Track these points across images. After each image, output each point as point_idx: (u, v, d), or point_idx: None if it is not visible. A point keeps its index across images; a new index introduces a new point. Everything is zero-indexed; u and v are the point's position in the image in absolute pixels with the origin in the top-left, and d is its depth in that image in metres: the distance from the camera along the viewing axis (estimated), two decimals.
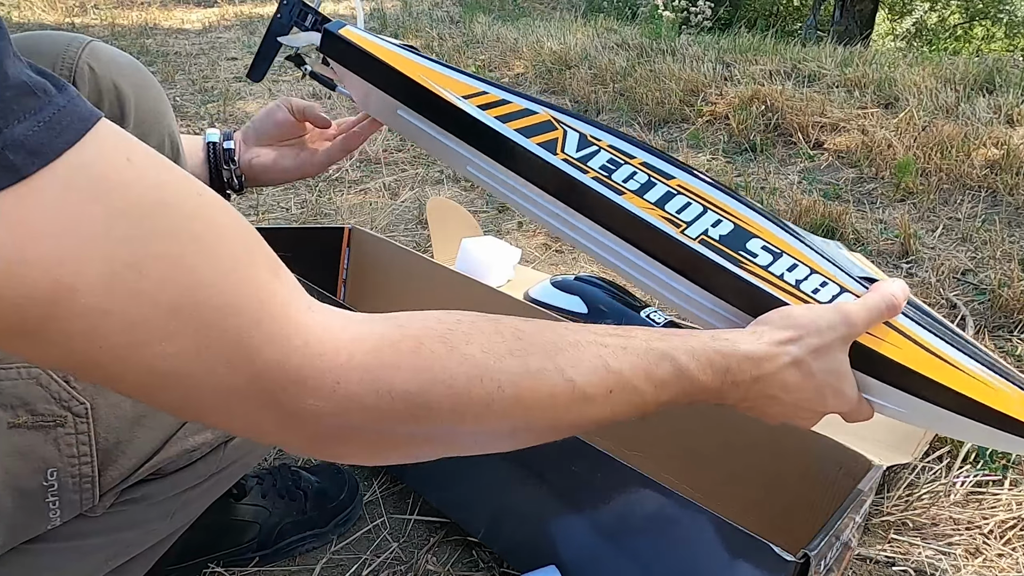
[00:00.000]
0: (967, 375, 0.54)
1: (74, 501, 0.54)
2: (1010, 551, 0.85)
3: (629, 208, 0.58)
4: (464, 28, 4.19)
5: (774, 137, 2.28)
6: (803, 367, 0.51)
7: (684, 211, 0.57)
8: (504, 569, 0.83)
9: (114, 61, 0.61)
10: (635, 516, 0.66)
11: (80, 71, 0.58)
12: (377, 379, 0.36)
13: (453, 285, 1.13)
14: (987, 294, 1.41)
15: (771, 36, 3.37)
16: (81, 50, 0.59)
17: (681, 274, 0.58)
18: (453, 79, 0.66)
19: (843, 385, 0.54)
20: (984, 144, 2.00)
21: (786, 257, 0.56)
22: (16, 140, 0.27)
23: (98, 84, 0.59)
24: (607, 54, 3.16)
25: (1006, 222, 1.70)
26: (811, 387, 0.52)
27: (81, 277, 0.28)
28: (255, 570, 0.84)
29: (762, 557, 0.57)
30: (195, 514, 0.68)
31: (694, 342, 0.48)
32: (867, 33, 7.08)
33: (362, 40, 0.70)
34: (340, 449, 0.39)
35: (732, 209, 0.58)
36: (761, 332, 0.52)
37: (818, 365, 0.52)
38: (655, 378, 0.46)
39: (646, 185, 0.58)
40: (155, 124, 0.62)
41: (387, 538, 0.89)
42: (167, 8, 5.27)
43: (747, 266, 0.56)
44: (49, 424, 0.51)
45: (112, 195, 0.29)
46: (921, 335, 0.55)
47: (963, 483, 0.94)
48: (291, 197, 1.98)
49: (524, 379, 0.41)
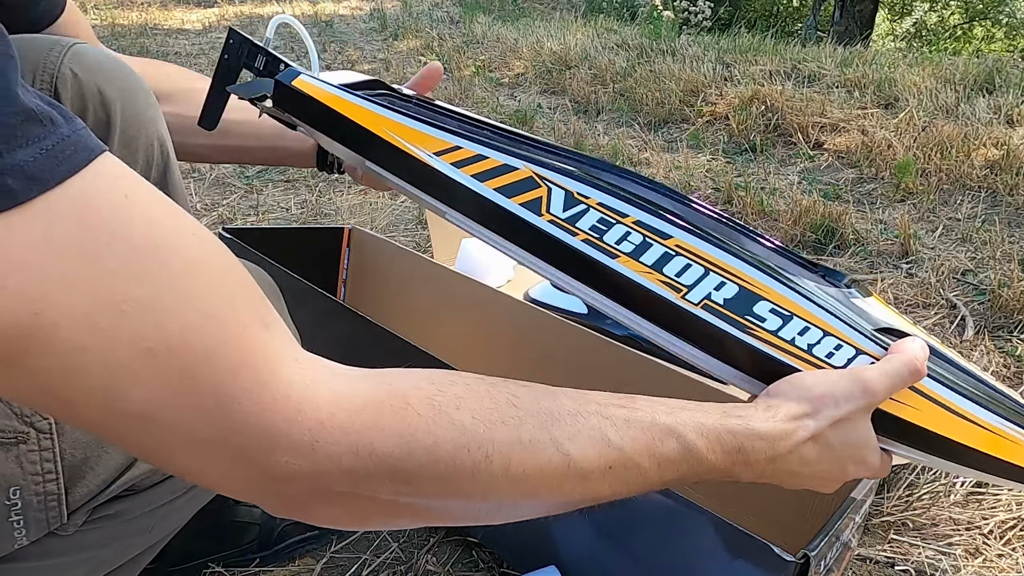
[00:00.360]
0: (990, 432, 0.52)
1: (40, 520, 0.51)
2: (1010, 551, 0.86)
3: (624, 273, 0.54)
4: (464, 28, 4.19)
5: (774, 137, 2.28)
6: (821, 440, 0.49)
7: (684, 274, 0.54)
8: (504, 569, 0.83)
9: (99, 65, 0.58)
10: (635, 516, 0.66)
11: (62, 76, 0.56)
12: (358, 440, 0.35)
13: (453, 285, 1.13)
14: (987, 294, 1.41)
15: (771, 36, 3.37)
16: (63, 54, 0.57)
17: (686, 340, 0.55)
18: (424, 134, 0.60)
19: (865, 454, 0.51)
20: (984, 144, 2.00)
21: (796, 320, 0.53)
22: (16, 165, 0.27)
23: (81, 89, 0.57)
24: (607, 54, 3.16)
25: (1006, 222, 1.70)
26: (830, 459, 0.50)
27: (62, 311, 0.28)
28: (255, 570, 0.84)
29: (762, 557, 0.57)
30: (177, 526, 0.65)
31: (704, 418, 0.46)
32: (867, 33, 7.09)
33: (320, 92, 0.61)
34: (318, 511, 0.37)
35: (736, 270, 0.54)
36: (776, 407, 0.49)
37: (837, 437, 0.49)
38: (659, 455, 0.43)
39: (641, 247, 0.54)
40: (143, 129, 0.60)
41: (387, 538, 0.89)
42: (167, 8, 5.27)
43: (755, 332, 0.53)
44: (11, 440, 0.49)
45: (102, 230, 0.29)
46: (942, 394, 0.53)
47: (963, 483, 0.94)
48: (291, 197, 1.98)
49: (514, 450, 0.38)
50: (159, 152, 0.62)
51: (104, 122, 0.58)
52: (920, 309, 1.41)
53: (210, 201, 1.95)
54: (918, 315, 1.39)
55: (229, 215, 1.87)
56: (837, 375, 0.51)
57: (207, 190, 2.02)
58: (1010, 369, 1.21)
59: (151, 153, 0.61)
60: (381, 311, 1.18)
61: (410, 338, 0.86)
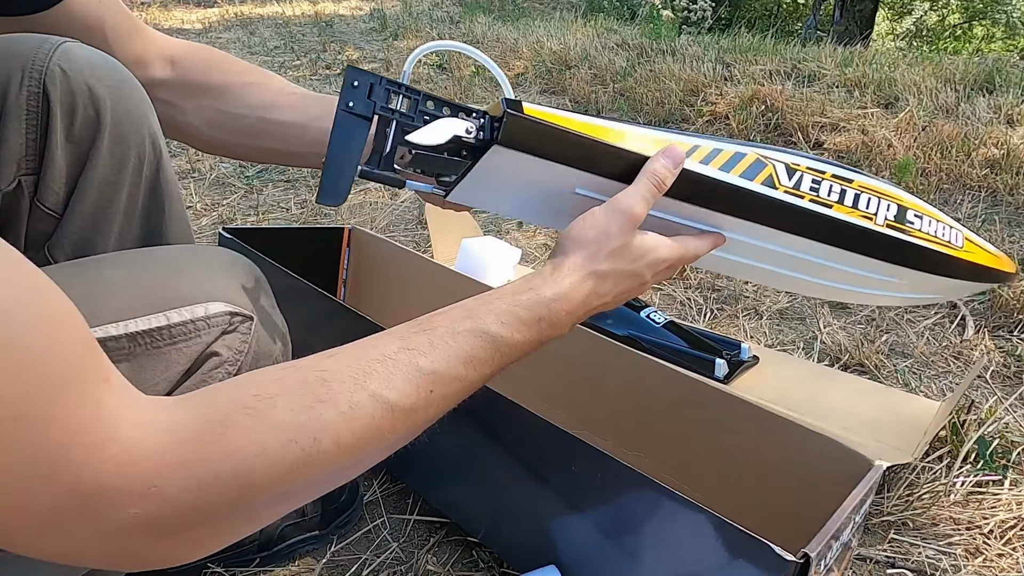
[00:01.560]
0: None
1: None
2: (1010, 551, 0.86)
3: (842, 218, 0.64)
4: (464, 28, 4.19)
5: (774, 137, 2.28)
6: (610, 273, 0.53)
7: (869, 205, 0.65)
8: (504, 569, 0.83)
9: (89, 63, 0.58)
10: (635, 516, 0.66)
11: (51, 73, 0.56)
12: (191, 474, 0.35)
13: (453, 285, 1.13)
14: (987, 294, 1.41)
15: (771, 36, 3.37)
16: (52, 51, 0.56)
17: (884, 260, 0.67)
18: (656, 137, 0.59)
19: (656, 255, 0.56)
20: (984, 144, 2.00)
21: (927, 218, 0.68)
22: None
23: (71, 87, 0.56)
24: (607, 54, 3.16)
25: (1006, 222, 1.70)
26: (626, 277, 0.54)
27: None
28: (256, 570, 0.84)
29: (762, 557, 0.57)
30: None
31: (498, 305, 0.49)
32: (867, 33, 7.08)
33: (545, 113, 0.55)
34: (183, 547, 0.37)
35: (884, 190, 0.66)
36: (559, 264, 0.53)
37: (624, 263, 0.54)
38: (471, 359, 0.47)
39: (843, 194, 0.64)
40: (134, 126, 0.60)
41: (387, 538, 0.89)
42: (167, 8, 5.27)
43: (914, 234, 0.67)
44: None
45: None
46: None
47: (963, 483, 0.94)
48: (291, 197, 1.98)
49: (338, 423, 0.40)
50: (151, 150, 0.61)
51: (93, 120, 0.58)
52: (920, 309, 1.41)
53: (210, 201, 1.95)
54: (918, 315, 1.39)
55: (229, 215, 1.87)
56: (601, 213, 0.55)
57: (207, 190, 2.02)
58: (1010, 369, 1.21)
59: (143, 151, 0.60)
60: (381, 311, 1.18)
61: None
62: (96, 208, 0.59)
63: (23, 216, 0.57)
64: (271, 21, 4.86)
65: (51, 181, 0.57)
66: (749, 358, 1.10)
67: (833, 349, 1.27)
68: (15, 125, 0.55)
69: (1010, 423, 1.05)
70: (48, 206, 0.58)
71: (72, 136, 0.57)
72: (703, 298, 1.47)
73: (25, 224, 0.58)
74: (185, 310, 0.53)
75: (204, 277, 0.56)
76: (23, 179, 0.56)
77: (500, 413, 0.76)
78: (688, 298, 1.47)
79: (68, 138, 0.57)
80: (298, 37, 4.31)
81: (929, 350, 1.27)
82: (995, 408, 1.06)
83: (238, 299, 0.56)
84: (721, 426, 0.84)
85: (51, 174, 0.57)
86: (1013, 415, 1.08)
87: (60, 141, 0.56)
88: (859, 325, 1.36)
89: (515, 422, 0.75)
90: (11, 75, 0.55)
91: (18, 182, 0.56)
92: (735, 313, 1.40)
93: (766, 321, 1.38)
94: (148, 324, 0.51)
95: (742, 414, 0.83)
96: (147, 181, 0.61)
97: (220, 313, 0.54)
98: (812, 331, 1.34)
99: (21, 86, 0.55)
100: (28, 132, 0.55)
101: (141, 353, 0.51)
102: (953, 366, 1.23)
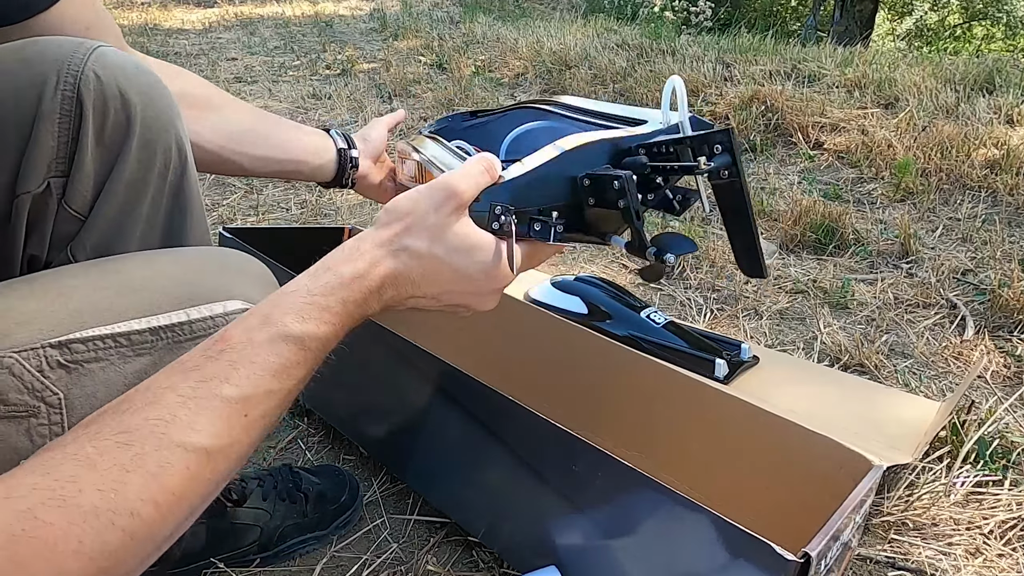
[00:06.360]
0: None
1: None
2: (1010, 551, 0.86)
3: None
4: (464, 28, 4.19)
5: (774, 137, 2.28)
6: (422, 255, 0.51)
7: None
8: (504, 569, 0.83)
9: (121, 68, 0.58)
10: (635, 516, 0.66)
11: (86, 78, 0.56)
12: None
13: None
14: (987, 294, 1.41)
15: (771, 36, 3.37)
16: (87, 56, 0.57)
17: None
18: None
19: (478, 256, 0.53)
20: (984, 144, 2.00)
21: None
22: None
23: (104, 91, 0.57)
24: (607, 54, 3.16)
25: (1006, 222, 1.70)
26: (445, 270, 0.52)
27: None
28: (256, 570, 0.84)
29: (762, 557, 0.57)
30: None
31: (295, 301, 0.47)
32: (867, 33, 7.08)
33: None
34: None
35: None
36: (361, 240, 0.51)
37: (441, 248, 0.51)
38: (280, 369, 0.44)
39: None
40: (162, 132, 0.60)
41: (387, 538, 0.89)
42: (167, 8, 5.27)
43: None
44: (21, 414, 0.49)
45: None
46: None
47: (963, 483, 0.94)
48: (291, 197, 1.98)
49: (152, 488, 0.37)
50: (177, 156, 0.62)
51: (124, 124, 0.58)
52: (920, 309, 1.41)
53: (210, 201, 1.95)
54: (918, 315, 1.39)
55: (229, 215, 1.87)
56: (425, 188, 0.53)
57: (207, 190, 2.02)
58: (1010, 369, 1.21)
59: (169, 156, 0.61)
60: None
61: (409, 338, 0.86)
62: (121, 211, 0.59)
63: (50, 218, 0.58)
64: (271, 21, 4.86)
65: (79, 184, 0.57)
66: (749, 358, 1.10)
67: (833, 349, 1.27)
68: (48, 127, 0.55)
69: (1010, 423, 1.05)
70: (75, 208, 0.58)
71: (102, 140, 0.57)
72: (703, 298, 1.47)
73: (51, 226, 0.58)
74: (204, 307, 0.55)
75: (222, 276, 0.58)
76: (52, 181, 0.57)
77: (500, 413, 0.76)
78: (688, 298, 1.47)
79: (98, 142, 0.57)
80: (298, 37, 4.31)
81: (929, 350, 1.27)
82: (995, 408, 1.06)
83: (254, 297, 0.57)
84: (721, 426, 0.84)
85: (80, 177, 0.57)
86: (1013, 415, 1.08)
87: (91, 145, 0.57)
88: (859, 325, 1.36)
89: (515, 422, 0.75)
90: (47, 78, 0.55)
91: (47, 184, 0.56)
92: (735, 313, 1.41)
93: (766, 321, 1.38)
94: (170, 320, 0.53)
95: (742, 414, 0.83)
96: (171, 186, 0.62)
97: (237, 310, 0.56)
98: (812, 331, 1.34)
99: (56, 89, 0.55)
100: (60, 135, 0.56)
101: (163, 347, 0.53)
102: (953, 366, 1.23)
